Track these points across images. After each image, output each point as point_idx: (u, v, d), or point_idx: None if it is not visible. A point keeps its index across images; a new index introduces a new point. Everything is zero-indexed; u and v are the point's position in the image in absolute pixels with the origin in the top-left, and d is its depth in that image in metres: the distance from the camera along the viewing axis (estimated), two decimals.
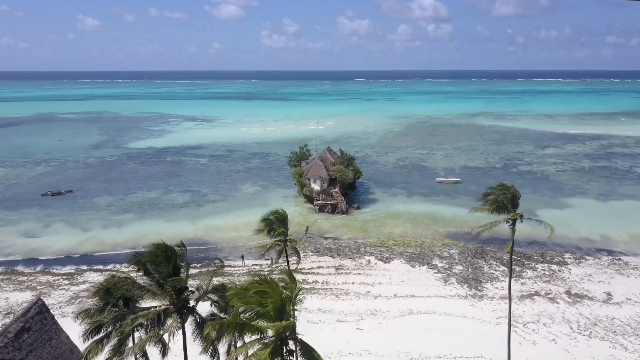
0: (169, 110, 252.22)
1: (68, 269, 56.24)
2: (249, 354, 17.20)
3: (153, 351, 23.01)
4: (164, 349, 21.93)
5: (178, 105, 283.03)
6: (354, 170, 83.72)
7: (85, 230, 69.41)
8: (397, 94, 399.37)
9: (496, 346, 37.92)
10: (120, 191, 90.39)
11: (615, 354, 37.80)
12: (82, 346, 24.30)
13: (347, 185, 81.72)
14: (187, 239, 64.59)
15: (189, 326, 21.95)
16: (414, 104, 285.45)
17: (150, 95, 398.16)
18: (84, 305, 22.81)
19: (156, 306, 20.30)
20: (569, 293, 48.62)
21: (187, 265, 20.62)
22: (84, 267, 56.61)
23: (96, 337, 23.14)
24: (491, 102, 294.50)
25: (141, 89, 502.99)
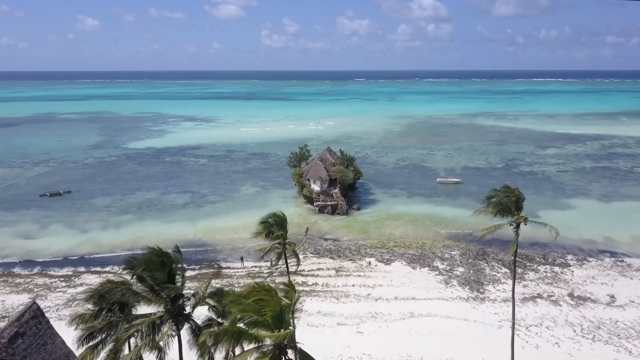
0: (168, 110, 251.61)
1: (65, 271, 55.68)
2: None
3: (150, 357, 22.43)
4: (160, 354, 21.35)
5: (177, 105, 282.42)
6: (354, 171, 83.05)
7: (83, 231, 68.84)
8: (397, 94, 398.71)
9: (499, 350, 37.41)
10: (119, 192, 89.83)
11: (620, 358, 37.23)
12: (77, 351, 23.75)
13: (347, 186, 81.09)
14: (185, 240, 64.75)
15: (185, 333, 21.34)
16: (414, 104, 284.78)
17: (149, 95, 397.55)
18: (78, 310, 22.05)
19: (151, 313, 19.71)
20: (571, 295, 48.07)
21: (183, 270, 20.04)
22: (82, 269, 56.07)
23: (91, 343, 22.59)
24: (492, 102, 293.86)
25: (141, 89, 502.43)
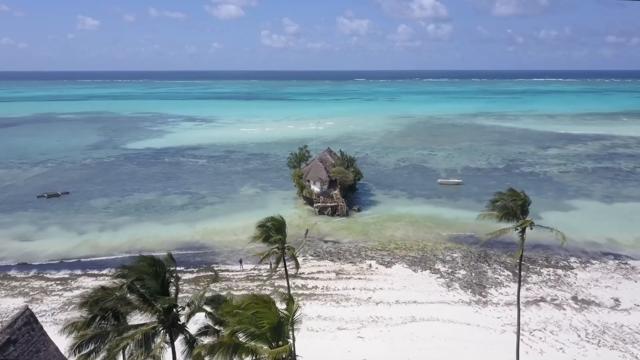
0: (168, 110, 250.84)
1: (62, 273, 54.92)
2: None
3: None
4: None
5: (177, 105, 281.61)
6: (354, 172, 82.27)
7: (81, 233, 68.06)
8: (397, 94, 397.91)
9: (502, 355, 36.68)
10: (117, 193, 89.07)
11: None
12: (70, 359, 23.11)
13: (347, 187, 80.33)
14: (184, 242, 64.11)
15: (179, 344, 20.61)
16: (414, 104, 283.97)
17: (149, 95, 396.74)
18: (71, 318, 21.34)
19: (144, 323, 18.96)
20: (575, 299, 47.33)
21: (177, 279, 19.30)
22: (78, 271, 55.29)
23: (83, 352, 21.92)
24: (492, 102, 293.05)
25: (140, 89, 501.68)
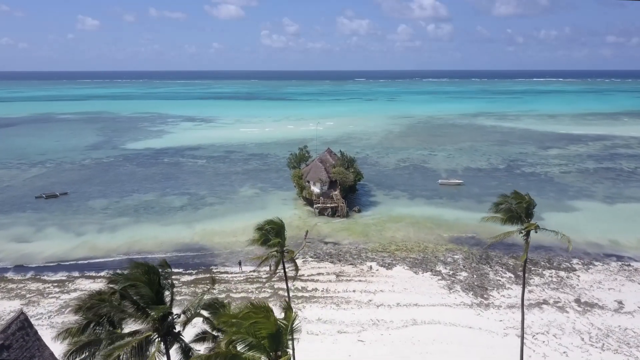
0: (167, 110, 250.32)
1: (59, 275, 54.37)
2: None
3: None
4: None
5: (177, 106, 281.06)
6: (354, 172, 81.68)
7: (79, 234, 67.51)
8: (398, 94, 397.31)
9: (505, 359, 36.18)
10: (116, 194, 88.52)
11: None
12: None
13: (347, 188, 79.77)
14: (183, 244, 63.56)
15: (174, 353, 20.04)
16: (414, 104, 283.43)
17: (149, 95, 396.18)
18: (65, 324, 20.78)
19: (138, 331, 18.40)
20: (578, 301, 46.78)
21: (172, 287, 18.75)
22: (76, 273, 54.76)
23: (78, 359, 21.37)
24: (492, 102, 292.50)
25: (140, 89, 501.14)
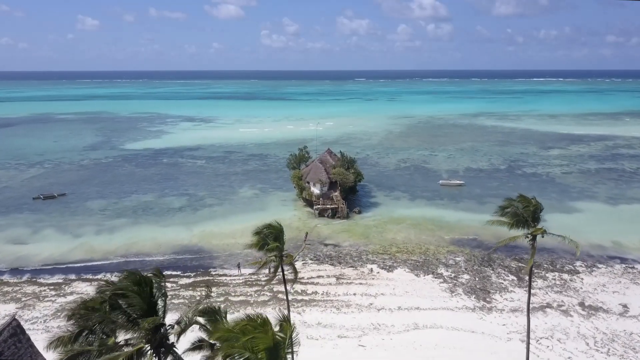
0: (167, 110, 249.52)
1: (56, 278, 53.62)
2: None
3: None
4: None
5: (176, 106, 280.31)
6: (355, 173, 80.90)
7: (76, 236, 66.75)
8: (398, 93, 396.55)
9: None
10: (115, 194, 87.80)
11: None
12: None
13: (347, 189, 79.05)
14: (181, 245, 62.83)
15: None
16: (414, 104, 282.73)
17: (148, 95, 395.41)
18: (56, 333, 20.04)
19: (130, 343, 17.69)
20: (582, 305, 46.05)
21: (165, 296, 18.05)
22: (73, 276, 53.99)
23: None
24: (493, 102, 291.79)
25: (140, 88, 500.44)
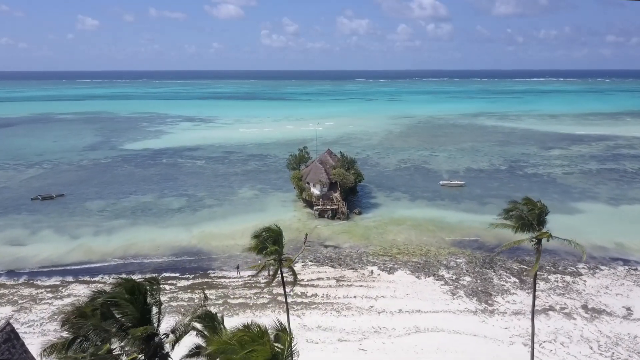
0: (166, 110, 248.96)
1: (53, 280, 53.11)
2: None
3: None
4: None
5: (176, 106, 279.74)
6: (355, 174, 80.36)
7: (74, 237, 66.23)
8: (398, 93, 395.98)
9: None
10: (113, 195, 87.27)
11: None
12: None
13: (348, 190, 78.54)
14: (180, 247, 62.30)
15: None
16: (414, 104, 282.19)
17: (148, 95, 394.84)
18: (50, 339, 19.53)
19: (123, 347, 17.17)
20: (585, 308, 45.54)
21: (159, 304, 17.55)
22: (70, 278, 53.47)
23: None
24: (493, 102, 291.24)
25: (140, 88, 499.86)
